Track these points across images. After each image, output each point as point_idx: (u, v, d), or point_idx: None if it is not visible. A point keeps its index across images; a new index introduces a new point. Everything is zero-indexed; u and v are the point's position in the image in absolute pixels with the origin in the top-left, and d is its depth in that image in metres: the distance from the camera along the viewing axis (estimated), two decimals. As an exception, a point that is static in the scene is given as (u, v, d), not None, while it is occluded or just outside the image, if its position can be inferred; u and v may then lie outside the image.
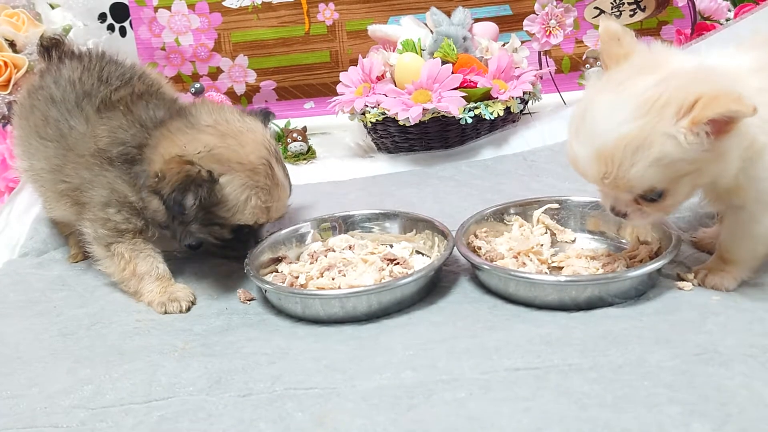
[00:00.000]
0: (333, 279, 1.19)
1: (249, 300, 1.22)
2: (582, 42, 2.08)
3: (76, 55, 1.37)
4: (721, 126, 0.90)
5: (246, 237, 1.26)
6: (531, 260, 1.17)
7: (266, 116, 1.35)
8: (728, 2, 1.94)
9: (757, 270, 1.08)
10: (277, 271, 1.26)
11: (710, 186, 1.02)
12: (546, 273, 1.16)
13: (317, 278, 1.19)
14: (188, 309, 1.21)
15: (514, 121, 1.89)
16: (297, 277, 1.20)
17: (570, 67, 2.14)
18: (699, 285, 1.08)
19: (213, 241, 1.25)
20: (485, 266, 1.13)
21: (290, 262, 1.28)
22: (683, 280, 1.11)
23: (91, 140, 1.23)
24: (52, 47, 1.40)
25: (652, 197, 0.98)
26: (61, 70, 1.32)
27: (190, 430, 0.88)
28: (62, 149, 1.26)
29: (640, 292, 1.08)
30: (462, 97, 1.70)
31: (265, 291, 1.18)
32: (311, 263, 1.26)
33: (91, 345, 1.11)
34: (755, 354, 0.90)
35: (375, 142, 1.94)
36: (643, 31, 2.06)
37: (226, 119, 1.22)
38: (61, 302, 1.28)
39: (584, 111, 0.98)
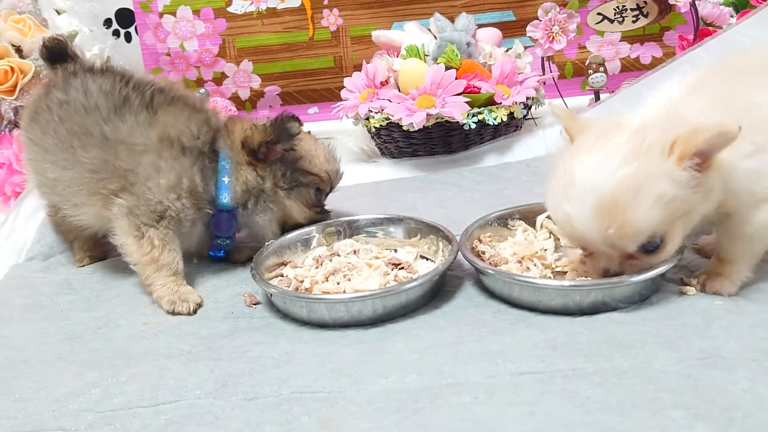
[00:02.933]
0: (338, 283, 1.19)
1: (254, 304, 1.22)
2: (585, 48, 2.09)
3: (96, 69, 1.37)
4: (705, 160, 0.95)
5: (322, 203, 1.41)
6: (535, 265, 1.17)
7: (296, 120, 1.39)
8: (730, 8, 1.95)
9: (757, 269, 1.08)
10: (282, 276, 1.27)
11: None
12: (550, 278, 1.17)
13: (322, 282, 1.20)
14: (195, 311, 1.22)
15: (517, 127, 1.90)
16: (302, 282, 1.21)
17: (573, 72, 2.15)
18: (701, 291, 1.09)
19: (297, 211, 1.36)
20: (489, 271, 1.14)
21: (295, 267, 1.28)
22: (687, 284, 1.11)
23: (155, 128, 1.27)
24: (55, 48, 1.40)
25: (652, 246, 1.00)
26: (87, 83, 1.32)
27: (198, 433, 0.89)
28: (108, 147, 1.27)
29: (644, 297, 1.08)
30: (465, 102, 1.71)
31: (271, 295, 1.18)
32: (316, 268, 1.27)
33: (97, 348, 1.12)
34: (759, 358, 0.90)
35: (379, 147, 1.95)
36: (645, 37, 2.08)
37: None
38: (68, 306, 1.29)
39: (568, 175, 1.00)
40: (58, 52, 1.40)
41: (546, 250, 1.23)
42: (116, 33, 2.13)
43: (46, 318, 1.25)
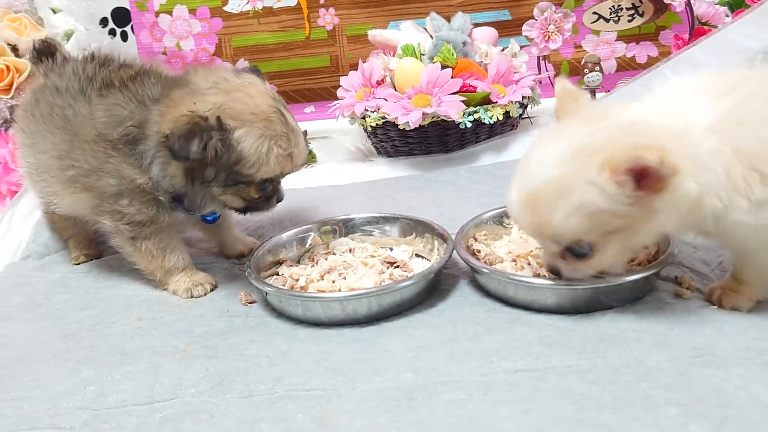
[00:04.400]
0: (333, 282, 1.19)
1: (250, 302, 1.22)
2: (581, 47, 2.09)
3: (86, 56, 1.36)
4: (651, 181, 0.88)
5: (270, 194, 1.24)
6: (529, 264, 1.17)
7: (257, 72, 1.30)
8: (726, 7, 1.95)
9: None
10: (277, 274, 1.27)
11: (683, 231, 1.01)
12: (544, 277, 1.16)
13: (317, 281, 1.20)
14: (212, 290, 1.28)
15: (513, 126, 1.90)
16: (297, 280, 1.21)
17: (569, 72, 2.15)
18: (716, 305, 1.04)
19: (237, 205, 1.23)
20: (484, 270, 1.14)
21: (291, 265, 1.29)
22: (680, 284, 1.11)
23: (92, 123, 1.21)
24: (45, 51, 1.39)
25: (580, 252, 0.98)
26: (65, 66, 1.32)
27: (193, 431, 0.89)
28: (68, 134, 1.24)
29: (638, 296, 1.09)
30: (461, 101, 1.71)
31: (266, 294, 1.18)
32: (312, 266, 1.27)
33: (92, 346, 1.12)
34: (752, 357, 0.90)
35: (375, 146, 1.95)
36: (641, 36, 2.08)
37: (224, 78, 1.19)
38: (63, 305, 1.29)
39: (524, 160, 1.00)
40: (47, 55, 1.39)
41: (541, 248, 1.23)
42: (112, 32, 2.13)
43: (41, 317, 1.25)
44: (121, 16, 2.13)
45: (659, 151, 0.86)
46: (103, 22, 2.11)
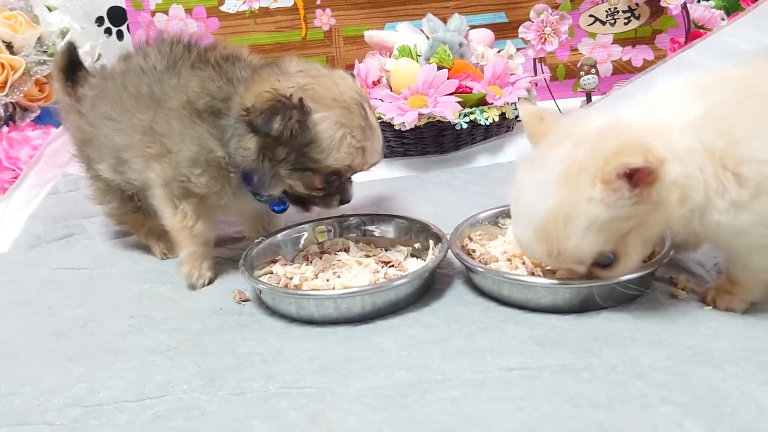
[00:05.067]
0: (327, 280, 1.19)
1: (244, 301, 1.21)
2: (577, 50, 2.10)
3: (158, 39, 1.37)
4: (642, 177, 0.90)
5: (334, 191, 1.23)
6: (524, 263, 1.17)
7: (350, 74, 1.32)
8: (722, 11, 1.96)
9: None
10: (271, 273, 1.26)
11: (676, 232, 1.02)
12: (539, 276, 1.16)
13: (312, 279, 1.19)
14: (209, 283, 1.28)
15: (509, 128, 1.90)
16: (291, 278, 1.20)
17: (565, 74, 2.15)
18: (710, 306, 1.04)
19: (301, 192, 1.22)
20: (479, 269, 1.13)
21: (285, 264, 1.28)
22: (676, 285, 1.11)
23: (183, 92, 1.23)
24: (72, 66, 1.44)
25: (605, 263, 0.98)
26: (147, 49, 1.34)
27: (184, 428, 0.88)
28: (153, 107, 1.25)
29: (633, 296, 1.08)
30: (457, 102, 1.71)
31: (260, 292, 1.18)
32: (306, 265, 1.26)
33: (84, 344, 1.11)
34: (748, 357, 0.90)
35: (370, 147, 1.94)
36: (637, 40, 2.08)
37: (315, 67, 1.22)
38: (56, 302, 1.27)
39: (515, 195, 1.00)
40: (74, 70, 1.44)
41: (536, 248, 1.23)
42: (108, 31, 2.13)
43: (33, 314, 1.24)
44: (117, 15, 2.13)
45: (640, 147, 0.88)
46: (99, 20, 2.11)
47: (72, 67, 1.46)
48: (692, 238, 1.03)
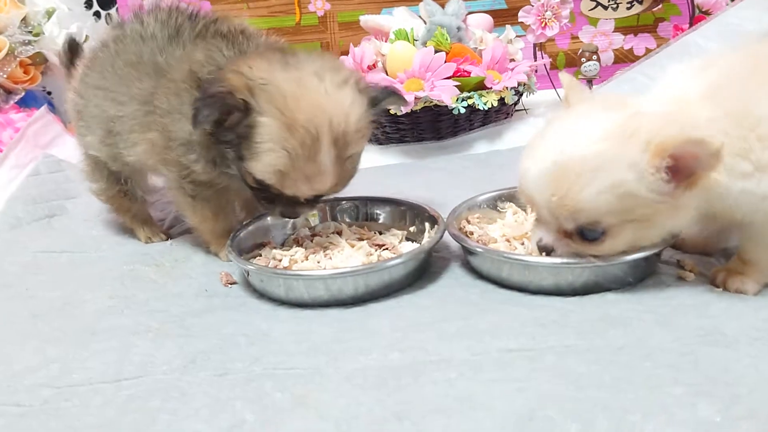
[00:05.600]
0: (318, 262, 1.13)
1: (231, 284, 1.16)
2: (578, 38, 2.05)
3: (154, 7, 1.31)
4: (685, 172, 0.88)
5: (269, 198, 1.13)
6: (523, 244, 1.12)
7: (384, 95, 1.19)
8: (727, -5, 1.92)
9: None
10: (260, 255, 1.21)
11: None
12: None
13: (302, 261, 1.14)
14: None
15: (508, 115, 1.85)
16: (280, 260, 1.15)
17: (565, 63, 2.11)
18: (720, 288, 1.00)
19: (246, 183, 1.13)
20: (478, 249, 1.08)
21: (275, 247, 1.22)
22: (683, 268, 1.06)
23: (186, 63, 1.16)
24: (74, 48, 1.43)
25: (592, 234, 0.94)
26: (142, 18, 1.28)
27: (161, 408, 0.82)
28: (154, 78, 1.19)
29: (638, 279, 1.03)
30: (455, 86, 1.66)
31: (247, 273, 1.12)
32: (297, 247, 1.21)
33: (62, 326, 1.06)
34: (762, 337, 0.85)
35: (365, 134, 1.89)
36: (639, 28, 2.04)
37: (317, 74, 1.08)
38: (34, 285, 1.22)
39: (545, 133, 0.97)
40: (75, 52, 1.42)
41: (537, 231, 1.18)
42: (97, 14, 2.08)
43: (10, 297, 1.19)
44: (105, -1, 2.08)
45: (703, 140, 0.86)
46: (88, 3, 2.06)
47: (74, 58, 1.42)
48: (705, 224, 1.00)
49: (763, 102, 0.92)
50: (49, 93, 2.04)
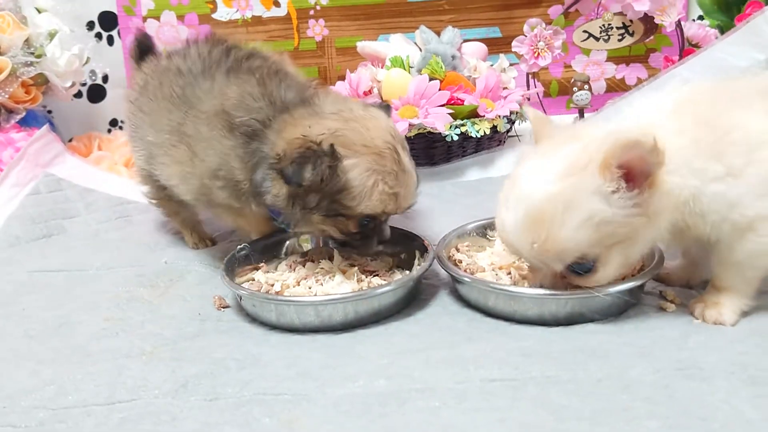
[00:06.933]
0: (309, 288, 1.16)
1: (224, 307, 1.18)
2: (570, 67, 2.09)
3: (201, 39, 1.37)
4: (640, 176, 0.91)
5: (370, 233, 1.18)
6: (509, 273, 1.14)
7: (387, 109, 1.29)
8: (716, 29, 1.95)
9: (755, 297, 1.02)
10: (253, 280, 1.23)
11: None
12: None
13: (294, 287, 1.16)
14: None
15: (500, 142, 1.88)
16: (272, 285, 1.17)
17: (558, 91, 2.14)
18: (699, 320, 1.02)
19: (335, 235, 1.19)
20: (465, 279, 1.11)
21: (267, 271, 1.25)
22: (665, 299, 1.09)
23: (218, 98, 1.20)
24: (144, 46, 1.46)
25: (583, 269, 0.97)
26: (189, 49, 1.33)
27: (153, 432, 0.85)
28: (184, 109, 1.24)
29: (621, 310, 1.06)
30: (449, 113, 1.69)
31: (240, 298, 1.15)
32: (289, 272, 1.23)
33: (56, 347, 1.08)
34: (737, 371, 0.87)
35: (360, 158, 1.92)
36: (631, 58, 2.08)
37: (350, 108, 1.18)
38: (30, 304, 1.25)
39: (515, 179, 0.99)
40: (146, 51, 1.46)
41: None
42: (99, 36, 2.11)
43: (6, 316, 1.21)
44: (108, 20, 2.12)
45: (645, 136, 0.89)
46: (90, 25, 2.09)
47: (144, 53, 1.46)
48: (679, 241, 1.02)
49: (735, 111, 0.97)
50: (50, 111, 2.08)
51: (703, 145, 0.94)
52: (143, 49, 1.46)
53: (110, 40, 2.12)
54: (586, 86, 1.94)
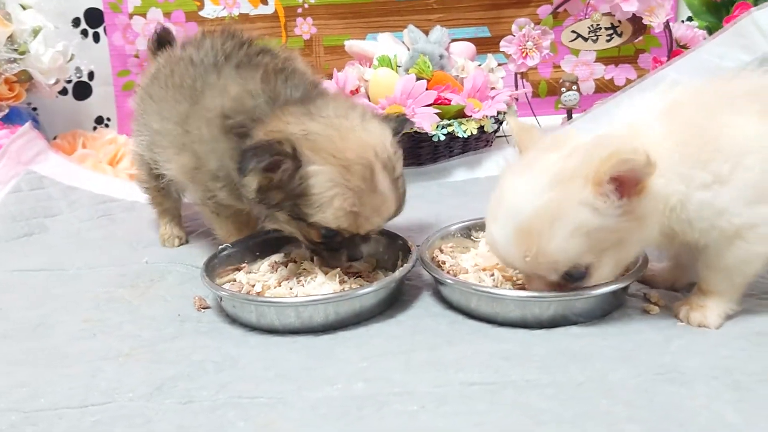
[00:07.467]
0: (291, 289, 1.14)
1: (204, 308, 1.17)
2: (559, 67, 2.08)
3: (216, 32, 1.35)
4: (630, 185, 0.90)
5: (337, 246, 1.13)
6: (492, 275, 1.13)
7: (401, 123, 1.24)
8: (704, 31, 1.94)
9: (740, 302, 1.02)
10: (234, 281, 1.22)
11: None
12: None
13: (275, 287, 1.15)
14: None
15: (488, 143, 1.87)
16: (253, 286, 1.16)
17: (547, 91, 2.14)
18: (683, 322, 1.02)
19: (301, 240, 1.16)
20: (448, 280, 1.10)
21: (249, 272, 1.23)
22: (649, 301, 1.08)
23: (218, 97, 1.18)
24: (164, 39, 1.46)
25: (577, 275, 0.96)
26: (204, 40, 1.32)
27: (125, 436, 0.83)
28: (191, 103, 1.23)
29: (605, 312, 1.05)
30: (435, 113, 1.68)
31: (220, 299, 1.13)
32: (271, 273, 1.22)
33: (32, 348, 1.06)
34: (719, 376, 0.87)
35: (347, 158, 1.91)
36: (620, 59, 2.07)
37: (345, 115, 1.12)
38: (8, 305, 1.23)
39: (500, 194, 0.98)
40: (166, 42, 1.46)
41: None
42: (84, 32, 2.09)
43: (-18, 317, 1.19)
44: (94, 17, 2.10)
45: (631, 150, 0.87)
46: (76, 22, 2.08)
47: (162, 47, 1.46)
48: (669, 245, 1.01)
49: (723, 116, 0.96)
50: (35, 109, 2.06)
51: (690, 151, 0.94)
52: (162, 42, 1.46)
53: (96, 37, 2.10)
54: (575, 87, 1.93)
